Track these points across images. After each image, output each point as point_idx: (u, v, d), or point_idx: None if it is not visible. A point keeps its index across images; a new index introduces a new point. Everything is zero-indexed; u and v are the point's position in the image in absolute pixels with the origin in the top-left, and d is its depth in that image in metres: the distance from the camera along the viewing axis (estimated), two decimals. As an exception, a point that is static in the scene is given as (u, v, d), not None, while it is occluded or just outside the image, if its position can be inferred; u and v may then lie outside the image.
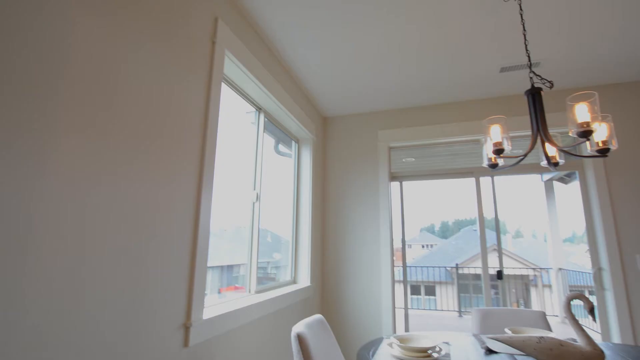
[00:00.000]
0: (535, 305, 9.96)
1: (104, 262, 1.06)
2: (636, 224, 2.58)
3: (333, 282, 3.20)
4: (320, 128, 3.43)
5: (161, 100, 1.33)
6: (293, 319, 2.50)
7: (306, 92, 3.01)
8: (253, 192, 2.31)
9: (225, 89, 2.07)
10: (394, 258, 3.18)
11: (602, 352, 1.26)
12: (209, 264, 1.91)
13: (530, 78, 1.56)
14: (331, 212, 3.35)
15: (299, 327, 1.42)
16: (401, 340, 1.51)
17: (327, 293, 3.20)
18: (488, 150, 1.55)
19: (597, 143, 1.40)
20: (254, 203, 2.31)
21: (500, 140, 1.47)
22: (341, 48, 2.33)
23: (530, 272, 10.89)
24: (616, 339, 2.50)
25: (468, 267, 10.58)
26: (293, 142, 3.10)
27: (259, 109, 2.46)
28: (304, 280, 2.88)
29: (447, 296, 9.45)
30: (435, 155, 3.26)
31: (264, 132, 2.49)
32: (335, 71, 2.65)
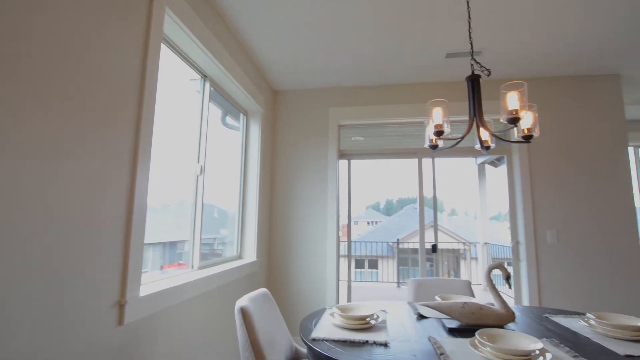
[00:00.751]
0: (464, 276, 11.06)
1: (27, 237, 0.94)
2: (549, 203, 2.94)
3: (280, 257, 3.23)
4: (270, 101, 3.33)
5: (87, 58, 1.18)
6: (239, 294, 2.49)
7: (257, 62, 2.88)
8: (197, 165, 2.20)
9: (166, 52, 1.89)
10: (340, 234, 3.29)
11: (513, 313, 1.45)
12: (150, 241, 1.81)
13: (472, 65, 1.65)
14: (279, 188, 3.33)
15: (242, 301, 1.42)
16: (342, 310, 1.58)
17: (274, 268, 3.23)
18: (430, 132, 1.63)
19: (523, 130, 1.54)
20: (197, 176, 2.20)
21: (441, 122, 1.55)
22: (295, 20, 2.25)
23: (461, 246, 12.03)
24: (526, 302, 2.89)
25: (408, 242, 11.34)
26: (241, 115, 2.98)
27: (204, 76, 2.31)
28: (250, 255, 2.87)
29: (388, 269, 10.10)
30: (383, 135, 3.36)
31: (209, 101, 2.35)
32: (288, 43, 2.55)
